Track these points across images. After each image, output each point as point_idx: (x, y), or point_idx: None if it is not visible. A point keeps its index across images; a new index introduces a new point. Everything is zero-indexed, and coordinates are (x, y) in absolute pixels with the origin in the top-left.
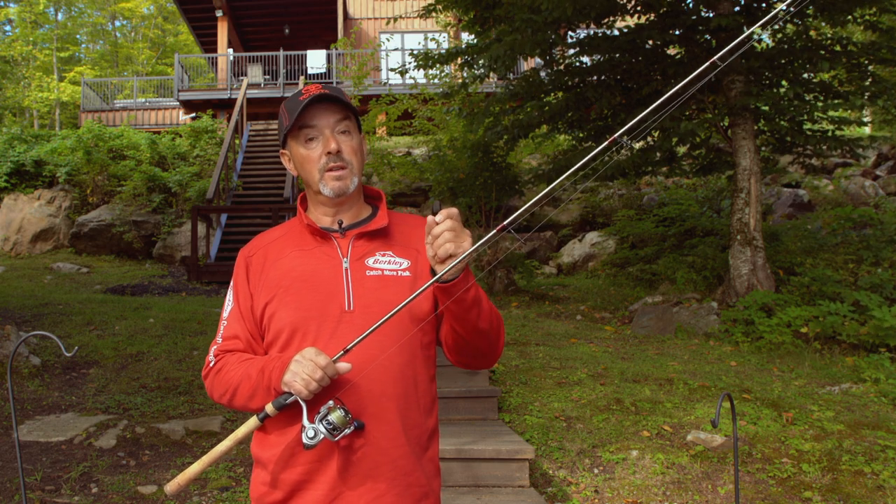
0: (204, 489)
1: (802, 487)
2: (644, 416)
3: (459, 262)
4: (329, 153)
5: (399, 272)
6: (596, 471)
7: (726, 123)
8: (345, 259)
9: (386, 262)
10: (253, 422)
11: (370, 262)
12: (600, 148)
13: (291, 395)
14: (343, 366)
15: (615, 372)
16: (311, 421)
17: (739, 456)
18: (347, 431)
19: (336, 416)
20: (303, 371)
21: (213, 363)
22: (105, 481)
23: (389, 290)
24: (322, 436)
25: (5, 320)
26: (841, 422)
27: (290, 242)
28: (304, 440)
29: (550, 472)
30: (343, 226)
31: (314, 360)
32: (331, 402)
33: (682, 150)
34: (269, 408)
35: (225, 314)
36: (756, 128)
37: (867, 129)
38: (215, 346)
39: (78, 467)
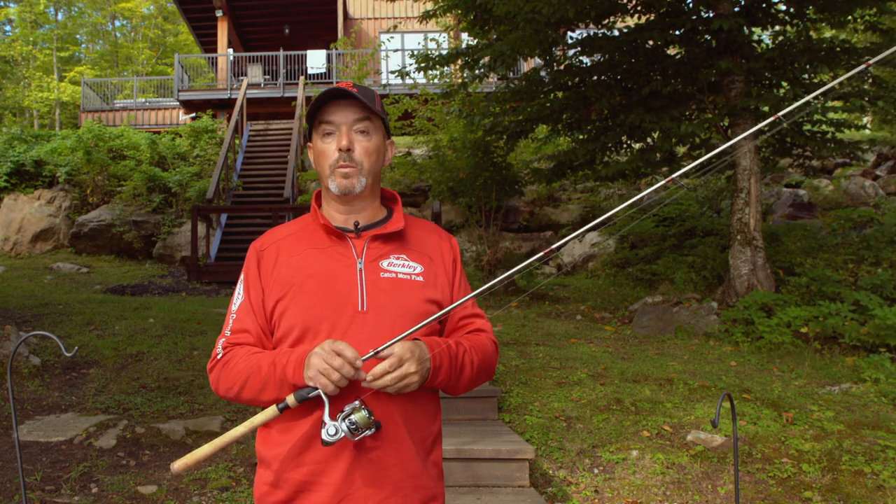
0: (204, 489)
1: (802, 487)
2: (644, 416)
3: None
4: (340, 150)
5: (412, 276)
6: (596, 471)
7: (726, 123)
8: (359, 260)
9: (400, 266)
10: (272, 411)
11: (384, 264)
12: (655, 187)
13: (316, 388)
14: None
15: (615, 372)
16: (333, 418)
17: (739, 456)
18: (367, 433)
19: (360, 416)
20: (324, 363)
21: (220, 355)
22: (105, 481)
23: (403, 293)
24: (343, 434)
25: (5, 320)
26: (841, 422)
27: (304, 239)
28: (324, 436)
29: (550, 472)
30: (359, 227)
31: (343, 353)
32: (357, 402)
33: (681, 150)
34: (291, 399)
35: (234, 307)
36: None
37: (867, 131)
38: (223, 339)
39: (78, 467)
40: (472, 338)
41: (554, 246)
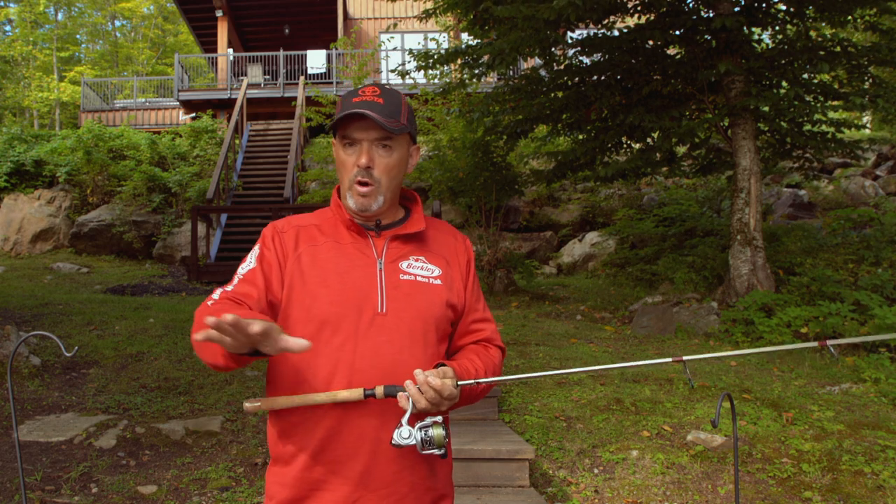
0: (204, 489)
1: (802, 487)
2: (644, 416)
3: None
4: (358, 167)
5: (430, 279)
6: (596, 471)
7: (726, 123)
8: (379, 260)
9: (419, 268)
10: (358, 393)
11: (404, 265)
12: None
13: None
14: (297, 342)
15: (615, 372)
16: (412, 425)
17: (739, 456)
18: (435, 452)
19: (437, 432)
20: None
21: (211, 303)
22: (105, 481)
23: (421, 297)
24: (413, 443)
25: (5, 320)
26: (841, 422)
27: (324, 232)
28: (395, 437)
29: (550, 472)
30: (380, 225)
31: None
32: (439, 417)
33: (681, 150)
34: (379, 390)
35: (242, 271)
36: (756, 127)
37: (867, 131)
38: (221, 290)
39: (78, 467)
40: (484, 355)
41: None
